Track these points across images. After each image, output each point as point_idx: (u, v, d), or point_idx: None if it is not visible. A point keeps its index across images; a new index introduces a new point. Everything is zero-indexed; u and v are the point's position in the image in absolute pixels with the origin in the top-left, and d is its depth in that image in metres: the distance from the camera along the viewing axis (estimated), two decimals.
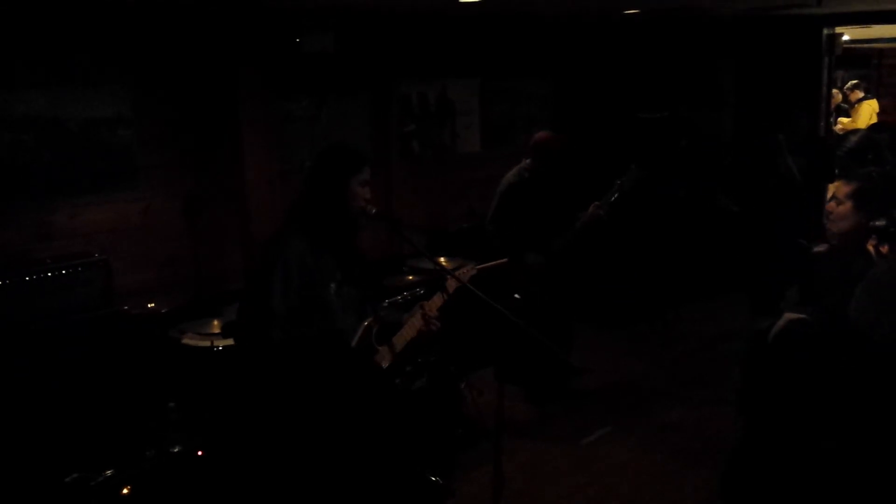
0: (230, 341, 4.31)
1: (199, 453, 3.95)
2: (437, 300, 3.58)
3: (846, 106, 10.82)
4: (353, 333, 3.33)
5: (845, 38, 8.82)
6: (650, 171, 5.18)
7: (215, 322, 4.55)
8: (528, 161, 5.25)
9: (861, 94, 10.53)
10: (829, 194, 3.78)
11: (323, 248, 3.19)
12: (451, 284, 3.58)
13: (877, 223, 2.86)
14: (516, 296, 5.37)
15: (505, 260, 5.35)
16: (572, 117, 7.67)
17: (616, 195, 5.06)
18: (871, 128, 9.05)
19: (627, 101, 7.75)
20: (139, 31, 5.08)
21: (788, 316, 3.26)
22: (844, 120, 10.43)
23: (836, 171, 6.18)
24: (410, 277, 5.49)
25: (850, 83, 10.77)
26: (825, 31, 8.16)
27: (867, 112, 10.28)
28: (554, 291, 5.34)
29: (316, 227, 3.18)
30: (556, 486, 4.44)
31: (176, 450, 3.95)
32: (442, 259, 5.52)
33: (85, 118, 4.94)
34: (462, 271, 3.71)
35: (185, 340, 4.43)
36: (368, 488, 3.47)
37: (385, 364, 3.44)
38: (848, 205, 3.23)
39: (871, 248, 2.89)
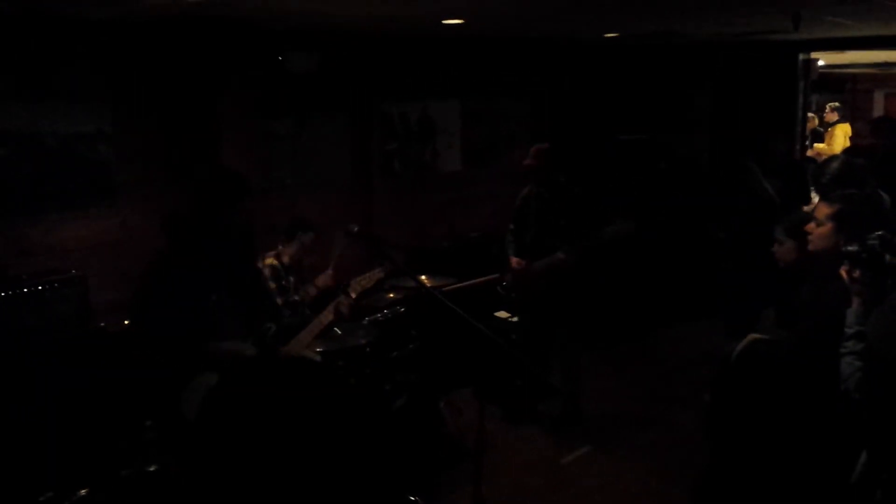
0: None
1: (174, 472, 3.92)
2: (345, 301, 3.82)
3: (822, 130, 10.98)
4: (244, 341, 3.44)
5: (820, 63, 8.98)
6: (637, 226, 5.18)
7: None
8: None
9: (836, 117, 10.71)
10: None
11: (201, 263, 3.28)
12: (355, 288, 3.85)
13: (849, 248, 2.88)
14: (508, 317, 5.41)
15: (497, 275, 5.45)
16: (552, 139, 7.73)
17: (590, 246, 5.05)
18: (847, 151, 9.19)
19: (606, 123, 7.84)
20: (120, 47, 5.08)
21: (752, 336, 3.30)
22: (819, 145, 10.59)
23: (818, 197, 6.25)
24: (391, 295, 5.49)
25: (830, 104, 10.95)
26: (801, 57, 8.31)
27: (841, 136, 10.44)
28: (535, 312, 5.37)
29: (196, 246, 3.28)
30: None
31: (152, 469, 3.91)
32: (423, 277, 5.52)
33: (64, 133, 4.92)
34: (368, 276, 4.00)
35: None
36: None
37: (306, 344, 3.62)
38: (829, 226, 3.24)
39: (844, 274, 2.92)
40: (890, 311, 2.72)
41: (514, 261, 5.25)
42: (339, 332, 4.48)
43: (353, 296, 3.96)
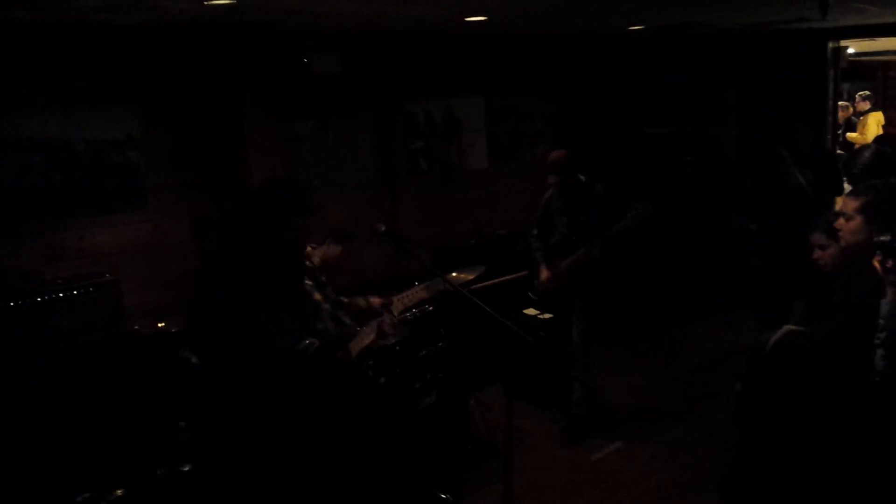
0: None
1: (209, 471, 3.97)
2: (388, 321, 3.80)
3: (855, 119, 10.81)
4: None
5: (850, 51, 8.83)
6: (657, 211, 5.12)
7: None
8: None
9: (868, 106, 10.54)
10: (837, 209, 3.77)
11: (263, 281, 3.29)
12: (397, 306, 3.83)
13: (881, 238, 2.85)
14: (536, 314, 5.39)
15: (524, 273, 5.42)
16: (577, 134, 7.70)
17: (613, 236, 5.00)
18: (878, 140, 9.05)
19: (632, 117, 7.78)
20: (147, 53, 5.14)
21: (788, 328, 3.27)
22: (852, 135, 10.42)
23: (851, 186, 6.16)
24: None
25: (860, 93, 10.78)
26: (830, 45, 8.17)
27: (874, 125, 10.28)
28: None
29: (253, 264, 3.29)
30: None
31: (186, 469, 3.97)
32: (454, 273, 5.51)
33: (94, 140, 4.99)
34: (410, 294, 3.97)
35: (195, 360, 4.45)
36: None
37: None
38: (858, 220, 3.20)
39: (876, 264, 2.89)
40: None
41: (545, 275, 5.25)
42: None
43: (396, 314, 3.96)
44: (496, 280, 5.23)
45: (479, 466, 4.67)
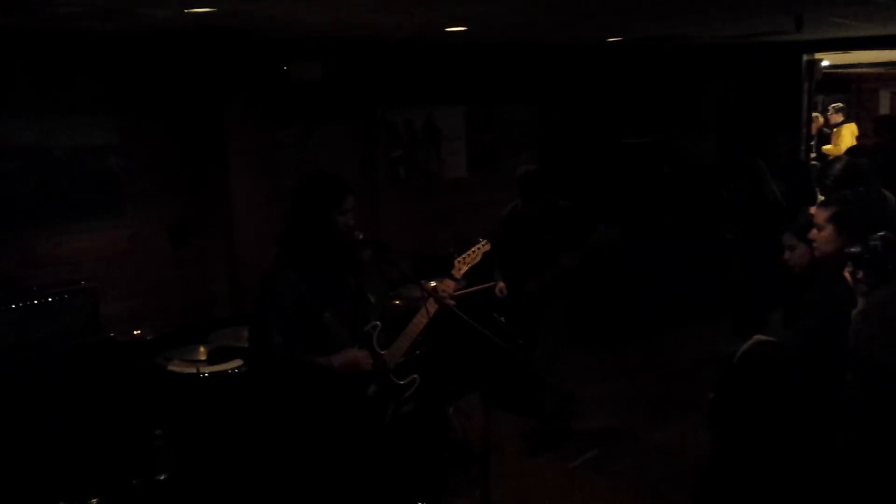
0: (216, 368, 4.32)
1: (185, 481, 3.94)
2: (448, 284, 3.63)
3: (828, 131, 10.96)
4: (352, 345, 3.38)
5: (825, 63, 8.97)
6: (620, 229, 5.09)
7: (202, 349, 4.55)
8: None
9: (841, 118, 10.68)
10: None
11: (314, 276, 3.24)
12: (459, 268, 3.66)
13: (852, 250, 2.90)
14: (501, 319, 5.39)
15: (491, 284, 5.41)
16: (557, 143, 7.76)
17: (585, 253, 4.94)
18: (850, 151, 9.18)
19: (612, 126, 7.84)
20: (129, 59, 5.13)
21: (757, 338, 3.32)
22: (828, 147, 10.55)
23: (822, 198, 6.24)
24: (397, 302, 5.51)
25: (833, 105, 10.93)
26: (805, 57, 8.32)
27: (849, 136, 10.42)
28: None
29: (304, 259, 3.24)
30: None
31: (162, 477, 3.94)
32: (432, 283, 5.49)
33: (73, 146, 4.97)
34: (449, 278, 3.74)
35: (172, 367, 4.43)
36: None
37: (397, 361, 3.51)
38: (829, 228, 3.25)
39: (847, 275, 2.93)
40: (872, 312, 2.74)
41: (499, 287, 5.21)
42: None
43: (459, 276, 3.67)
44: (474, 288, 5.24)
45: (458, 474, 4.68)
